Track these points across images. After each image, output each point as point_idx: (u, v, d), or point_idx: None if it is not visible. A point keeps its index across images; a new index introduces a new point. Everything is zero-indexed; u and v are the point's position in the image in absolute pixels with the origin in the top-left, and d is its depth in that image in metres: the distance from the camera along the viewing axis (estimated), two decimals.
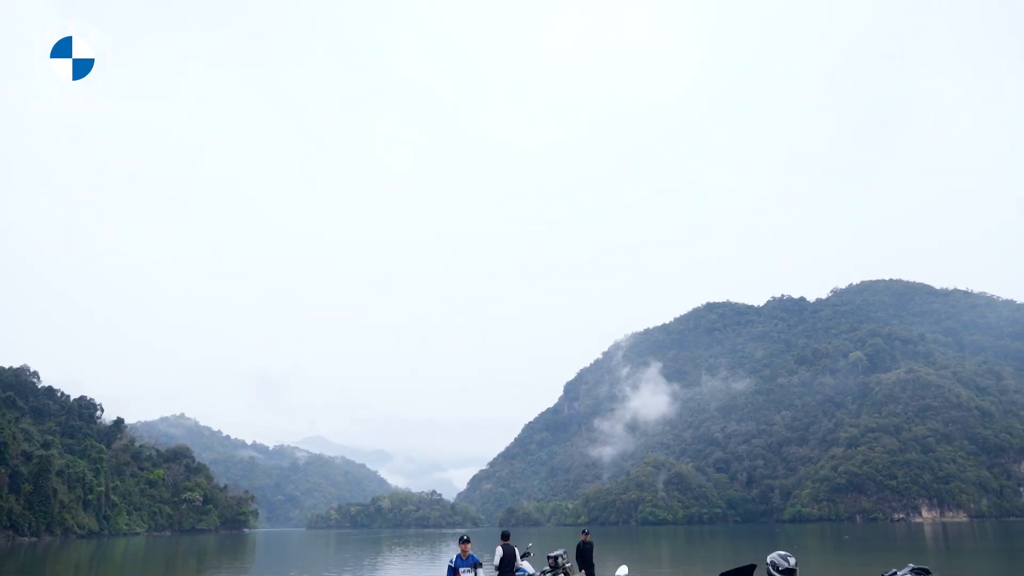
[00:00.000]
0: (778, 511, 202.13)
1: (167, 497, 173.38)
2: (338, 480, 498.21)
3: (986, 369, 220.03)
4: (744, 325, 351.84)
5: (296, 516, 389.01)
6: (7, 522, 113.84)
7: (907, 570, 4.20)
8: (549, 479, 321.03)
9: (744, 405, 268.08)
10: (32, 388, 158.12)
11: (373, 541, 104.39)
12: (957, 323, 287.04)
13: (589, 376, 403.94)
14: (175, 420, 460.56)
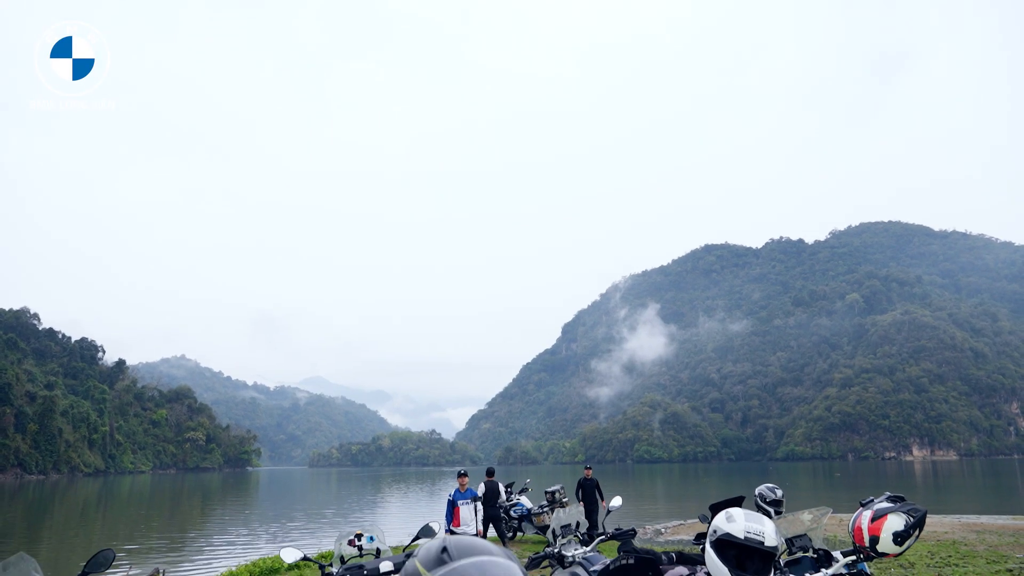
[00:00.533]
0: (772, 450, 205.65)
1: (170, 436, 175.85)
2: (339, 420, 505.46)
3: (982, 311, 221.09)
4: (742, 267, 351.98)
5: (298, 455, 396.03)
6: (15, 460, 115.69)
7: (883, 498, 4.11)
8: (547, 419, 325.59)
9: (740, 346, 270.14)
10: (33, 330, 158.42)
11: (374, 478, 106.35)
12: (955, 265, 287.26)
13: (587, 318, 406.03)
14: (176, 361, 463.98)
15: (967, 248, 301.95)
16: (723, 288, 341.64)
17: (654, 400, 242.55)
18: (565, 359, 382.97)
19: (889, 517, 4.07)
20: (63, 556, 21.39)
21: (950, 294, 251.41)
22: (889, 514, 4.10)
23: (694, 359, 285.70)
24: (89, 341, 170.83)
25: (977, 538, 14.51)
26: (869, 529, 4.16)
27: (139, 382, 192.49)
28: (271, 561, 13.19)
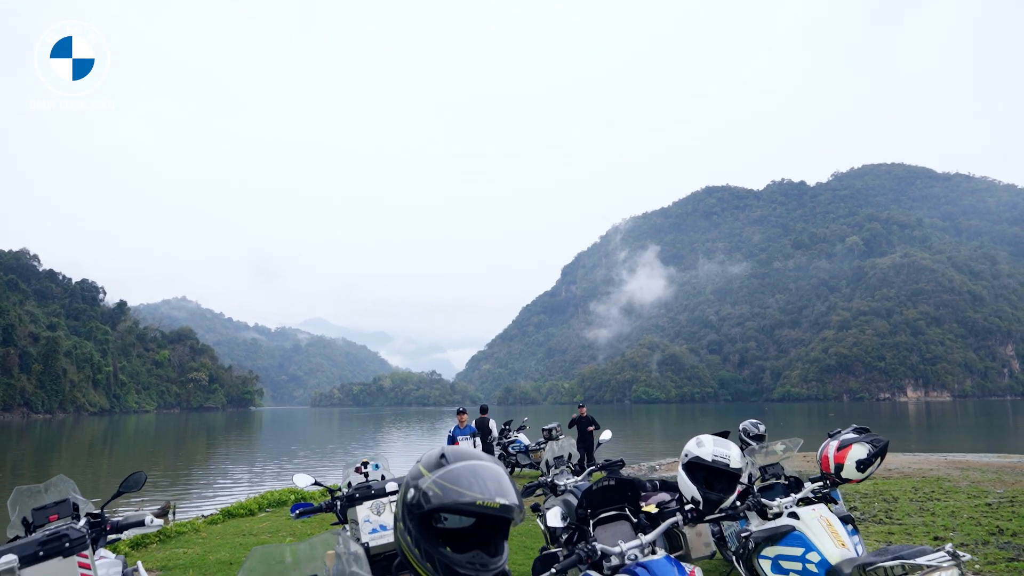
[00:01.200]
0: (768, 391, 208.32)
1: (174, 377, 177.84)
2: (339, 361, 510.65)
3: (981, 254, 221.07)
4: (743, 209, 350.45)
5: (300, 395, 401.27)
6: (21, 400, 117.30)
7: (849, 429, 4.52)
8: (546, 360, 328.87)
9: (739, 289, 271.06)
10: (33, 271, 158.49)
11: (375, 418, 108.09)
12: (956, 208, 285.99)
13: (587, 260, 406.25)
14: (177, 303, 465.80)
15: (969, 191, 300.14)
16: (723, 230, 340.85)
17: (652, 342, 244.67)
18: (565, 301, 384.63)
19: (853, 447, 4.51)
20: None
21: (950, 237, 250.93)
22: (854, 444, 4.53)
23: (693, 301, 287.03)
24: (90, 283, 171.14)
25: (961, 475, 14.93)
26: (835, 458, 4.61)
27: (140, 323, 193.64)
28: (278, 494, 13.68)
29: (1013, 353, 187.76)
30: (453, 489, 1.66)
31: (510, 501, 1.66)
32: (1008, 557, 7.28)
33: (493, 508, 1.65)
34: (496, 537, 1.78)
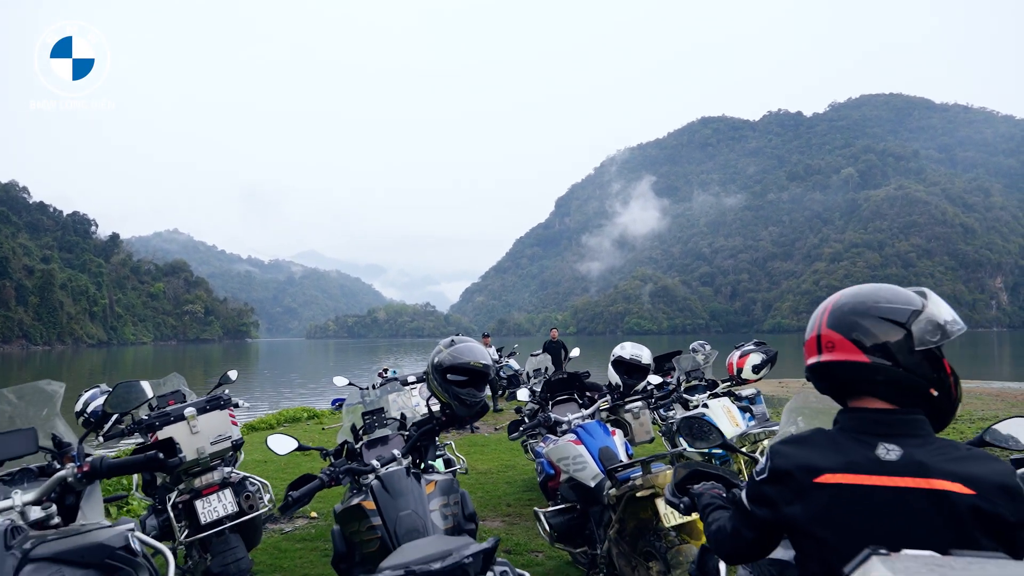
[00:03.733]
0: (759, 322, 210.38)
1: (169, 309, 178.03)
2: (334, 293, 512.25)
3: (976, 186, 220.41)
4: (738, 140, 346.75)
5: (295, 327, 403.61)
6: (19, 332, 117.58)
7: (751, 343, 6.20)
8: (539, 292, 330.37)
9: (733, 221, 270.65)
10: (24, 204, 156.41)
11: (371, 349, 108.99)
12: (953, 139, 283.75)
13: (580, 192, 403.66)
14: (169, 235, 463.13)
15: (967, 122, 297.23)
16: (719, 161, 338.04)
17: (645, 274, 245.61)
18: (558, 233, 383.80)
19: (751, 355, 5.88)
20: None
21: (946, 169, 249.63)
22: (751, 353, 5.91)
23: (686, 233, 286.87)
24: (82, 215, 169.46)
25: None
26: (737, 364, 6.03)
27: (134, 256, 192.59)
28: (293, 411, 14.87)
29: (1002, 285, 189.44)
30: (458, 356, 3.15)
31: (487, 363, 3.14)
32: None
33: (478, 367, 3.14)
34: (480, 383, 3.18)
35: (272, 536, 5.88)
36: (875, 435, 1.55)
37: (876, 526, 1.40)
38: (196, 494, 4.10)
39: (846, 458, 1.53)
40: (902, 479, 1.46)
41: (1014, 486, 1.42)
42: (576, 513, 4.36)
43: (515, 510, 6.45)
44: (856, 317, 1.70)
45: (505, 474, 8.23)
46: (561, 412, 5.17)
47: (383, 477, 2.82)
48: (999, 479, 1.42)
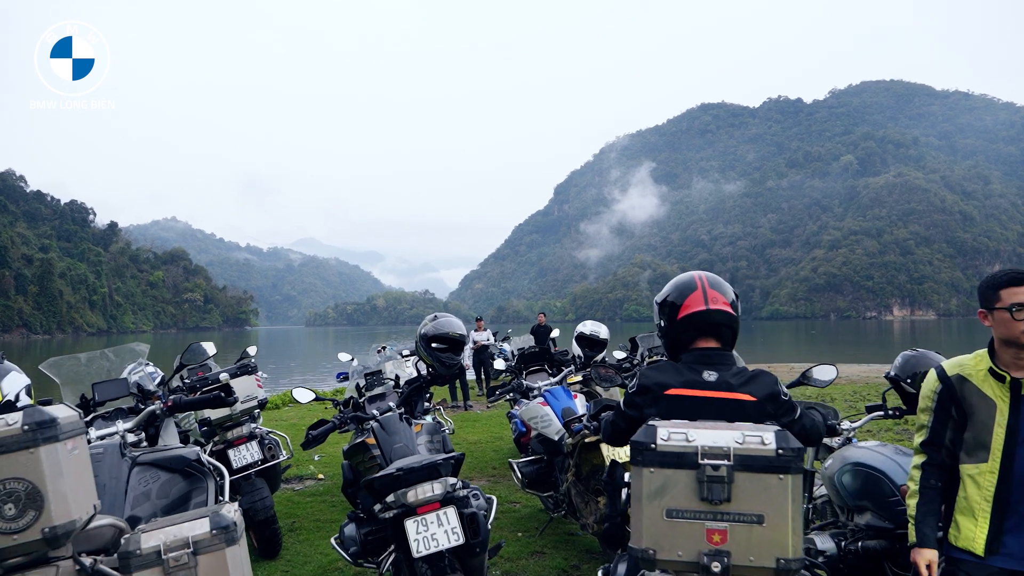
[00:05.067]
0: (757, 309, 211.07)
1: (168, 298, 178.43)
2: (333, 280, 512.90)
3: (975, 174, 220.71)
4: (738, 127, 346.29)
5: (294, 315, 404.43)
6: (19, 321, 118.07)
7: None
8: (538, 279, 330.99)
9: (732, 208, 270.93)
10: (21, 192, 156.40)
11: (371, 336, 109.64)
12: (953, 126, 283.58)
13: (580, 178, 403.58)
14: (167, 223, 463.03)
15: (967, 109, 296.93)
16: (718, 148, 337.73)
17: (644, 261, 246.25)
18: (557, 220, 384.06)
19: None
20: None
21: (946, 156, 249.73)
22: None
23: (685, 220, 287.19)
24: (79, 203, 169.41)
25: None
26: None
27: (132, 245, 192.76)
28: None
29: None
30: (440, 328, 3.81)
31: (463, 333, 3.83)
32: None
33: (456, 336, 3.80)
34: (457, 350, 3.84)
35: (286, 492, 6.75)
36: (704, 365, 2.34)
37: (698, 420, 2.08)
38: (229, 444, 4.94)
39: (684, 378, 2.30)
40: (716, 392, 2.26)
41: (777, 392, 2.27)
42: (543, 463, 5.20)
43: (499, 472, 7.24)
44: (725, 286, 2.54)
45: (493, 444, 9.05)
46: (533, 380, 6.00)
47: (381, 420, 3.55)
48: (768, 390, 2.26)
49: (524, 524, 5.72)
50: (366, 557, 3.36)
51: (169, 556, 1.82)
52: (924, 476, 2.49)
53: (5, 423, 1.72)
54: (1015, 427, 2.34)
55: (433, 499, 2.97)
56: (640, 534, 1.88)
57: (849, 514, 3.51)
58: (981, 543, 2.37)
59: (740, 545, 1.83)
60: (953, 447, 2.50)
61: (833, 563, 3.30)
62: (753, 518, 1.82)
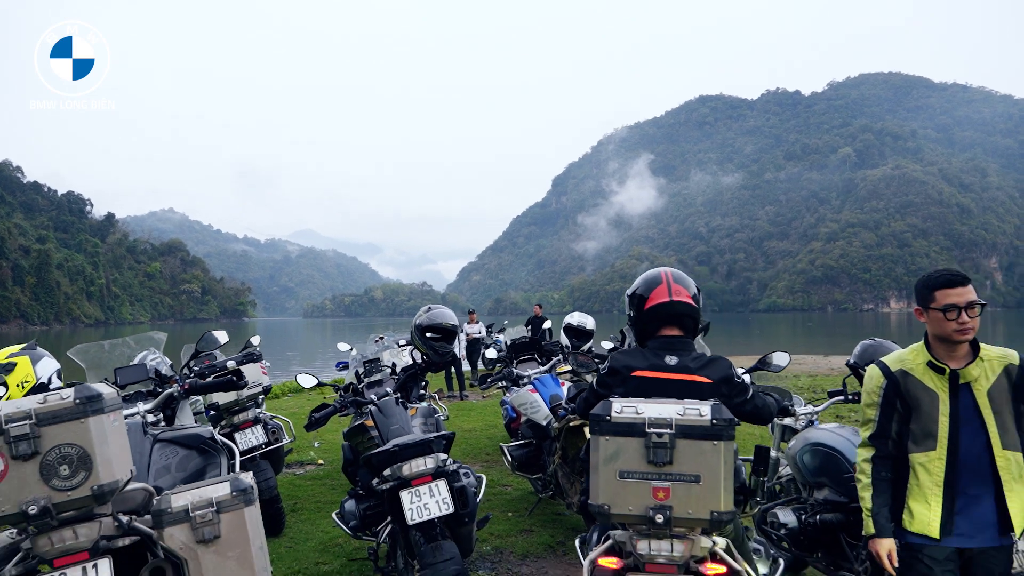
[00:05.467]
0: (754, 302, 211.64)
1: (166, 289, 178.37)
2: (330, 272, 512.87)
3: (972, 166, 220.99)
4: (736, 119, 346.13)
5: (292, 306, 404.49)
6: (17, 312, 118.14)
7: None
8: (536, 271, 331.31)
9: (730, 200, 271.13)
10: (18, 183, 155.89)
11: (368, 327, 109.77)
12: (951, 119, 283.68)
13: (578, 170, 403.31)
14: (164, 215, 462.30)
15: (965, 101, 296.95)
16: (716, 140, 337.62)
17: (641, 253, 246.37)
18: (555, 212, 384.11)
19: None
20: None
21: (943, 148, 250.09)
22: None
23: (683, 212, 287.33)
24: (76, 194, 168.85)
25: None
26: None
27: (129, 236, 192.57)
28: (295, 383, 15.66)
29: (996, 265, 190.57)
30: (433, 319, 4.33)
31: (455, 324, 4.31)
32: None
33: (448, 326, 4.34)
34: (449, 339, 4.36)
35: (288, 476, 7.06)
36: (666, 350, 2.72)
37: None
38: (235, 428, 5.22)
39: (649, 362, 2.68)
40: (677, 375, 2.63)
41: (731, 375, 2.69)
42: (532, 447, 5.56)
43: (492, 458, 7.54)
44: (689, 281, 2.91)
45: (487, 432, 9.35)
46: (523, 369, 6.31)
47: (379, 404, 3.79)
48: (723, 373, 2.66)
49: (514, 505, 6.04)
50: (365, 530, 3.74)
51: (196, 514, 2.17)
52: (875, 469, 2.66)
53: (60, 397, 2.07)
54: (956, 415, 2.55)
55: (426, 472, 3.29)
56: (597, 493, 2.25)
57: (809, 490, 3.86)
58: (936, 526, 2.54)
59: (680, 500, 2.20)
60: (900, 439, 2.67)
61: (794, 535, 3.70)
62: (691, 478, 2.19)
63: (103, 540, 2.18)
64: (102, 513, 2.21)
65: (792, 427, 4.30)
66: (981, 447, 2.54)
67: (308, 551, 4.90)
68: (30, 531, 2.13)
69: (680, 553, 2.28)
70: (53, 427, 2.06)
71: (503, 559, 4.78)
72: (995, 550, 2.55)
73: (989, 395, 2.56)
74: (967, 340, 2.58)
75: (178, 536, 2.20)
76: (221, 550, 2.22)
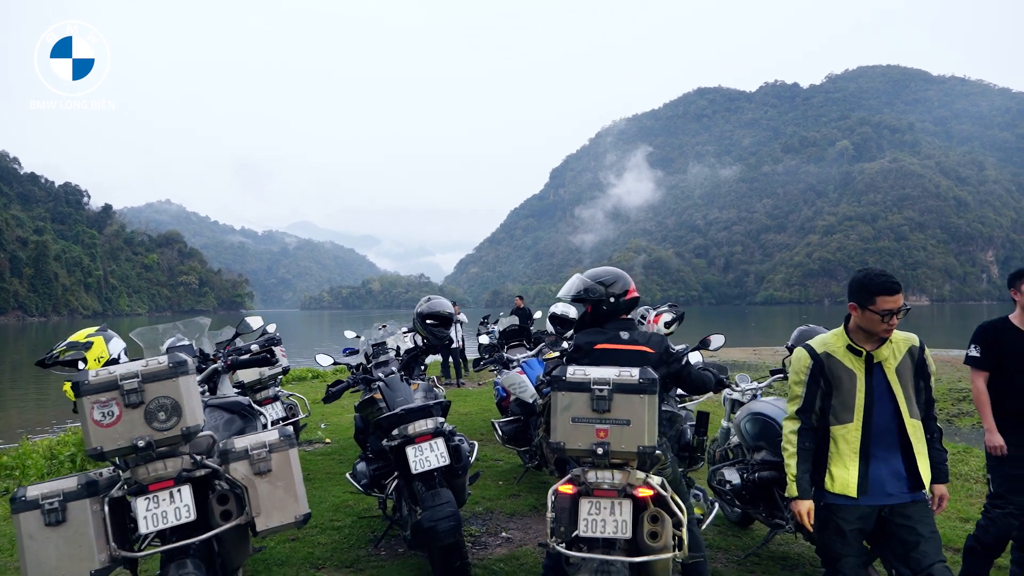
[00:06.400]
0: (751, 294, 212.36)
1: (163, 280, 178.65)
2: (328, 264, 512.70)
3: (970, 159, 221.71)
4: (734, 112, 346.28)
5: (289, 298, 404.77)
6: (15, 303, 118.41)
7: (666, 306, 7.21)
8: (533, 263, 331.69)
9: (727, 193, 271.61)
10: (15, 174, 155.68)
11: (366, 319, 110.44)
12: (949, 112, 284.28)
13: (576, 163, 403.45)
14: (161, 206, 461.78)
15: (963, 94, 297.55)
16: (714, 133, 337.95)
17: (639, 245, 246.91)
18: (553, 205, 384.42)
19: (663, 314, 6.97)
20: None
21: (941, 142, 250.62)
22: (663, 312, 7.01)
23: (681, 205, 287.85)
24: (73, 186, 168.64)
25: None
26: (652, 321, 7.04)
27: (127, 227, 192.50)
28: (298, 372, 16.39)
29: (993, 259, 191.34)
30: (432, 307, 5.19)
31: (451, 312, 5.23)
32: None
33: (445, 314, 5.23)
34: (447, 325, 5.22)
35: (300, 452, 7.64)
36: (620, 329, 3.57)
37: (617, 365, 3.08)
38: (257, 404, 5.57)
39: (607, 337, 3.51)
40: (629, 346, 3.45)
41: (668, 347, 3.55)
42: (520, 423, 6.29)
43: (486, 437, 8.17)
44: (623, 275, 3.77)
45: (482, 415, 10.04)
46: (513, 354, 7.07)
47: (386, 380, 4.44)
48: (663, 346, 3.52)
49: (504, 475, 6.81)
50: (374, 487, 4.52)
51: (253, 452, 2.97)
52: (800, 440, 3.11)
53: (158, 362, 2.84)
54: (871, 390, 3.04)
55: (427, 431, 3.99)
56: (556, 434, 3.00)
57: (751, 453, 4.69)
58: (854, 487, 2.98)
59: (616, 438, 2.93)
60: (822, 413, 3.11)
61: (738, 491, 4.55)
62: (623, 421, 2.93)
63: (184, 472, 2.89)
64: (183, 452, 2.94)
65: (740, 400, 5.19)
66: (891, 417, 3.02)
67: (323, 511, 5.58)
68: (130, 463, 2.87)
69: (619, 481, 2.97)
70: (153, 384, 2.78)
71: (493, 517, 5.55)
72: (911, 504, 3.00)
73: (897, 372, 3.05)
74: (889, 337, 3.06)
75: (239, 469, 2.96)
76: (272, 480, 2.97)
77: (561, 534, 3.08)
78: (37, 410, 17.00)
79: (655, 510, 3.00)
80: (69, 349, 4.08)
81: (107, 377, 2.83)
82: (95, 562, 2.75)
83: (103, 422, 2.80)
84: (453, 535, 3.82)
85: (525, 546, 4.87)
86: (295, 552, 4.73)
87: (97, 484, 2.88)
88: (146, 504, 2.86)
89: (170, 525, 2.88)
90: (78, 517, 2.75)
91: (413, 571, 4.42)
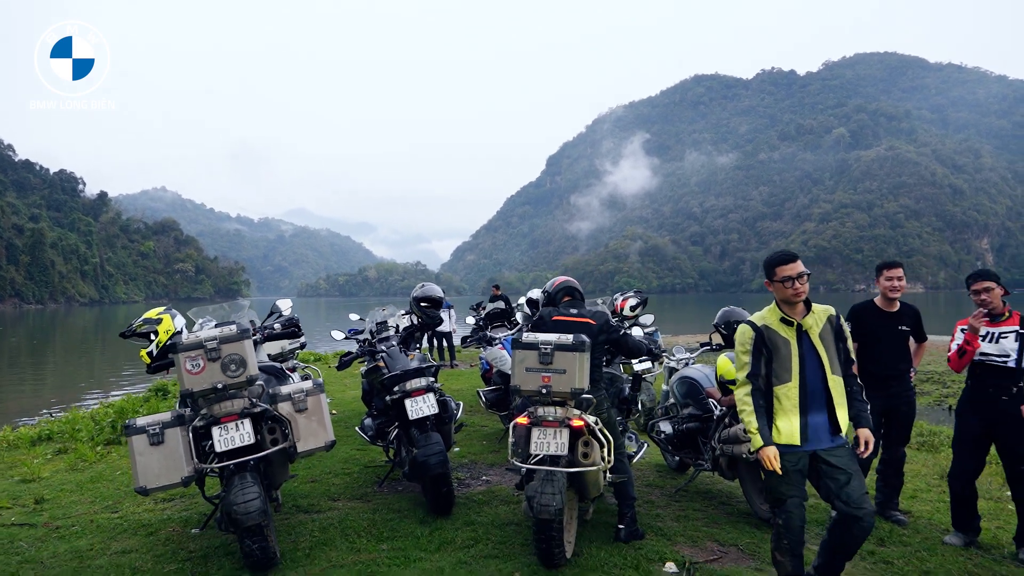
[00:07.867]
0: (747, 282, 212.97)
1: (160, 268, 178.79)
2: (324, 251, 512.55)
3: (966, 147, 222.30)
4: (731, 99, 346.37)
5: (286, 285, 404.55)
6: (11, 291, 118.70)
7: (632, 291, 8.33)
8: (530, 251, 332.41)
9: (724, 180, 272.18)
10: (9, 162, 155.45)
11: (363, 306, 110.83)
12: (946, 99, 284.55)
13: (572, 150, 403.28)
14: (156, 193, 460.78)
15: (960, 82, 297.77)
16: (711, 120, 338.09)
17: (635, 233, 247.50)
18: (549, 192, 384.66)
19: (629, 299, 7.89)
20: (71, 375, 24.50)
21: (938, 129, 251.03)
22: (629, 297, 7.93)
23: (677, 193, 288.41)
24: (69, 173, 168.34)
25: None
26: (620, 305, 7.95)
27: (122, 215, 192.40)
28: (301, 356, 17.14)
29: (988, 246, 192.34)
30: (426, 292, 6.43)
31: (442, 296, 6.49)
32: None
33: (436, 297, 6.45)
34: (438, 307, 6.46)
35: None
36: (570, 306, 4.82)
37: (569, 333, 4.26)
38: None
39: (560, 312, 4.77)
40: (577, 318, 4.69)
41: (608, 319, 4.82)
42: (501, 391, 7.42)
43: (475, 409, 9.22)
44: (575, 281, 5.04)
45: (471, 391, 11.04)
46: (495, 333, 8.25)
47: (388, 352, 5.60)
48: (604, 319, 4.79)
49: (488, 438, 7.96)
50: (378, 439, 5.55)
51: (294, 396, 4.15)
52: (753, 399, 3.64)
53: (229, 328, 4.00)
54: (802, 354, 3.63)
55: (421, 387, 5.09)
56: (515, 379, 4.19)
57: (680, 409, 5.96)
58: (797, 436, 3.56)
59: (556, 382, 4.09)
60: (767, 376, 3.67)
61: (670, 439, 5.84)
62: (561, 371, 4.10)
63: (245, 409, 3.98)
64: (245, 394, 4.04)
65: (675, 368, 6.50)
66: (819, 376, 3.61)
67: (334, 462, 6.70)
68: (210, 400, 3.96)
69: (560, 414, 4.11)
70: (226, 344, 3.90)
71: (476, 466, 6.67)
72: (836, 448, 3.58)
73: (820, 337, 3.65)
74: (801, 301, 3.65)
75: (284, 408, 4.11)
76: (308, 416, 4.14)
77: (519, 455, 4.12)
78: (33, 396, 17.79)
79: (587, 437, 4.08)
80: (144, 324, 4.99)
81: (195, 339, 3.89)
82: (184, 471, 3.86)
83: (193, 371, 3.86)
84: (441, 467, 4.80)
85: (501, 486, 5.94)
86: (315, 489, 5.89)
87: (184, 417, 3.98)
88: (219, 431, 3.89)
89: (236, 446, 3.91)
90: (172, 439, 3.85)
91: (410, 502, 5.46)
